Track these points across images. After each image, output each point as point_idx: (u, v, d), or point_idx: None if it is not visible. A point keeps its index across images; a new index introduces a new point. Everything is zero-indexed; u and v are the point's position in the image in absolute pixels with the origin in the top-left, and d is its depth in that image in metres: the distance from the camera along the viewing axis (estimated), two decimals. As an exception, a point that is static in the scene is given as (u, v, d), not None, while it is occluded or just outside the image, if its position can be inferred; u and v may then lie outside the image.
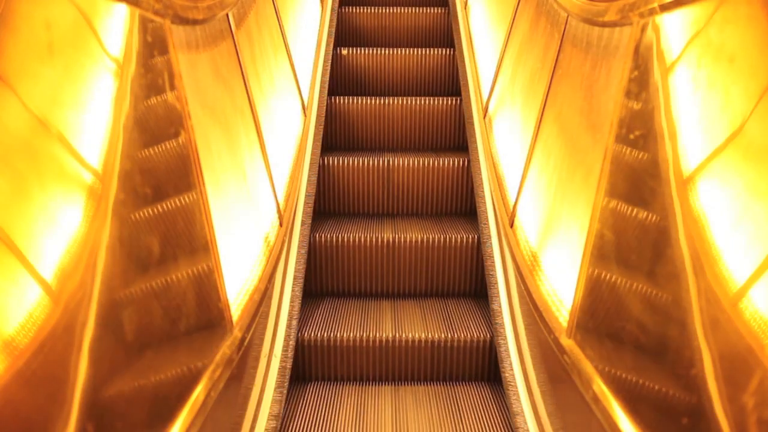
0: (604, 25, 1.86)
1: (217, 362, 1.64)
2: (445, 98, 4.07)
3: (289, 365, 2.64)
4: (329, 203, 3.69)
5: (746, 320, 1.02)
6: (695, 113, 1.29)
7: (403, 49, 4.40)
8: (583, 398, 1.59)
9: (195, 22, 1.82)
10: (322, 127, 3.77)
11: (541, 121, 2.43)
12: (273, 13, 3.12)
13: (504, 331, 2.77)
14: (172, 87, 1.54)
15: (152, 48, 1.46)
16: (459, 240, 3.28)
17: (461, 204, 3.72)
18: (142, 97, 1.38)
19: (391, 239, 3.27)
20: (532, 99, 2.61)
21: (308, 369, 2.88)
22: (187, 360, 1.51)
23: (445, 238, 3.28)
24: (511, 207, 2.63)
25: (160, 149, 1.46)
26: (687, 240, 1.22)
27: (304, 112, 3.46)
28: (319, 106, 3.84)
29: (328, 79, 4.09)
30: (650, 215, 1.39)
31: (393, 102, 4.02)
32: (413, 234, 3.31)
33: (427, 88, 4.44)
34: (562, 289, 1.91)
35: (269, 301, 2.38)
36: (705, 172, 1.22)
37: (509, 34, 3.24)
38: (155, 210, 1.39)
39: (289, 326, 2.75)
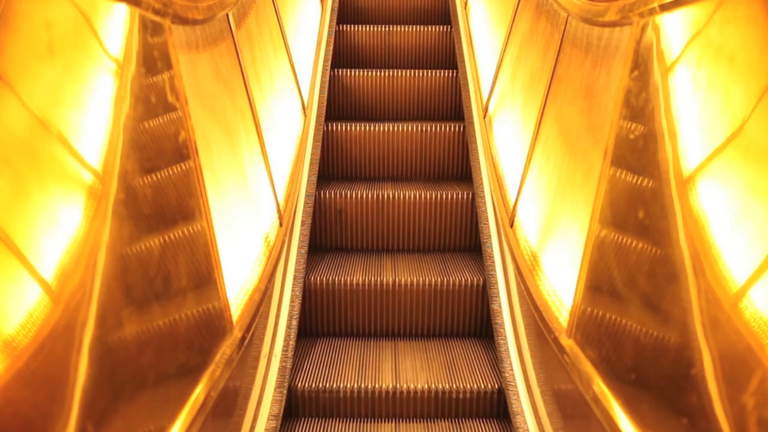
0: (604, 25, 1.86)
1: (217, 362, 1.64)
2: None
3: (289, 365, 2.64)
4: (327, 239, 3.49)
5: (746, 320, 1.02)
6: (695, 113, 1.29)
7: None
8: (583, 398, 1.59)
9: (195, 22, 1.82)
10: (322, 127, 3.77)
11: (541, 121, 2.43)
12: (273, 13, 3.12)
13: (504, 331, 2.77)
14: (172, 87, 1.54)
15: (152, 48, 1.46)
16: (463, 283, 3.09)
17: (466, 240, 3.48)
18: (142, 97, 1.38)
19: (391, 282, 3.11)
20: (532, 99, 2.61)
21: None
22: (187, 360, 1.51)
23: (448, 281, 3.09)
24: (511, 207, 2.63)
25: (159, 149, 1.46)
26: (687, 240, 1.22)
27: (304, 112, 3.46)
28: (319, 106, 3.84)
29: (328, 79, 4.09)
30: (650, 215, 1.39)
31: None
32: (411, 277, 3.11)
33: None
34: (562, 289, 1.91)
35: (269, 301, 2.38)
36: (705, 172, 1.22)
37: (509, 33, 3.24)
38: (155, 210, 1.39)
39: (289, 326, 2.75)
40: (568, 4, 2.20)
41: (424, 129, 3.79)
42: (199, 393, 1.49)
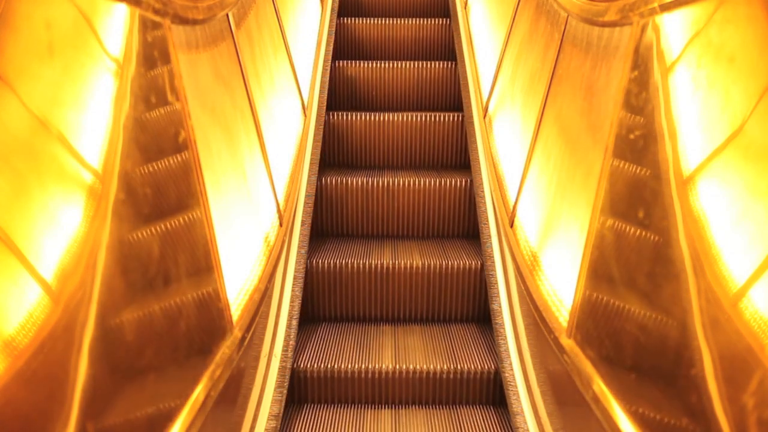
0: (604, 25, 1.86)
1: (217, 362, 1.64)
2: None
3: (289, 365, 2.64)
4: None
5: (746, 320, 1.02)
6: (695, 113, 1.29)
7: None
8: (583, 398, 1.59)
9: (195, 22, 1.82)
10: (322, 127, 3.77)
11: (541, 121, 2.43)
12: (273, 13, 3.12)
13: (504, 331, 2.77)
14: (172, 87, 1.54)
15: (152, 48, 1.46)
16: (453, 185, 3.50)
17: (456, 159, 3.92)
18: (142, 97, 1.38)
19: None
20: (532, 99, 2.61)
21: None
22: (187, 360, 1.51)
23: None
24: (511, 207, 2.63)
25: (160, 149, 1.46)
26: (687, 240, 1.22)
27: (304, 112, 3.46)
28: (319, 106, 3.84)
29: (328, 79, 4.09)
30: (650, 215, 1.39)
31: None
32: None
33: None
34: (561, 288, 1.91)
35: (269, 301, 2.38)
36: (705, 172, 1.22)
37: (509, 33, 3.24)
38: (155, 210, 1.39)
39: (289, 326, 2.75)
40: (568, 4, 2.20)
41: (419, 66, 4.31)
42: (199, 393, 1.49)
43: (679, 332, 1.21)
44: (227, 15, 2.20)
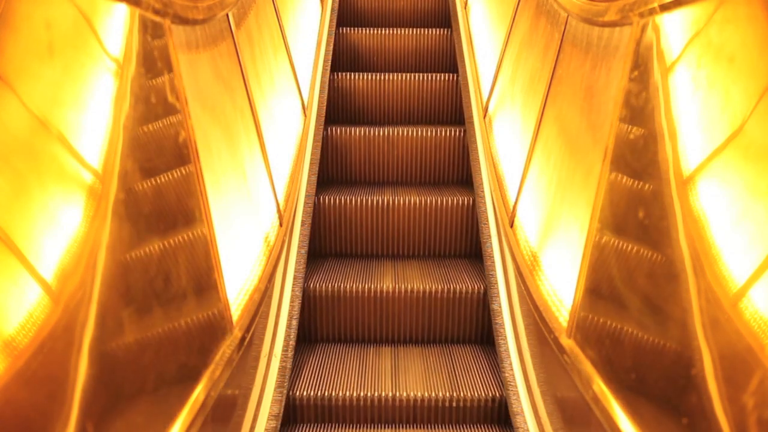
0: (604, 25, 1.86)
1: (217, 362, 1.64)
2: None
3: (289, 365, 2.64)
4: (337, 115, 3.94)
5: (746, 320, 1.02)
6: (695, 113, 1.29)
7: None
8: (583, 398, 1.59)
9: (195, 22, 1.82)
10: (322, 127, 3.77)
11: (541, 120, 2.43)
12: (273, 13, 3.12)
13: (504, 331, 2.77)
14: (172, 87, 1.54)
15: (152, 48, 1.46)
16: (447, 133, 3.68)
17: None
18: (142, 97, 1.38)
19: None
20: (532, 99, 2.61)
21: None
22: (187, 360, 1.51)
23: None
24: (511, 207, 2.63)
25: (160, 149, 1.46)
26: (687, 240, 1.22)
27: (304, 112, 3.46)
28: (319, 106, 3.84)
29: (328, 79, 4.09)
30: (650, 215, 1.39)
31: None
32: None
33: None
34: (562, 288, 1.91)
35: (269, 301, 2.38)
36: (705, 172, 1.22)
37: (509, 33, 3.24)
38: (155, 210, 1.39)
39: (289, 326, 2.75)
40: (568, 4, 2.20)
41: (417, 33, 4.51)
42: (199, 393, 1.49)
43: (679, 332, 1.21)
44: (227, 15, 2.20)
